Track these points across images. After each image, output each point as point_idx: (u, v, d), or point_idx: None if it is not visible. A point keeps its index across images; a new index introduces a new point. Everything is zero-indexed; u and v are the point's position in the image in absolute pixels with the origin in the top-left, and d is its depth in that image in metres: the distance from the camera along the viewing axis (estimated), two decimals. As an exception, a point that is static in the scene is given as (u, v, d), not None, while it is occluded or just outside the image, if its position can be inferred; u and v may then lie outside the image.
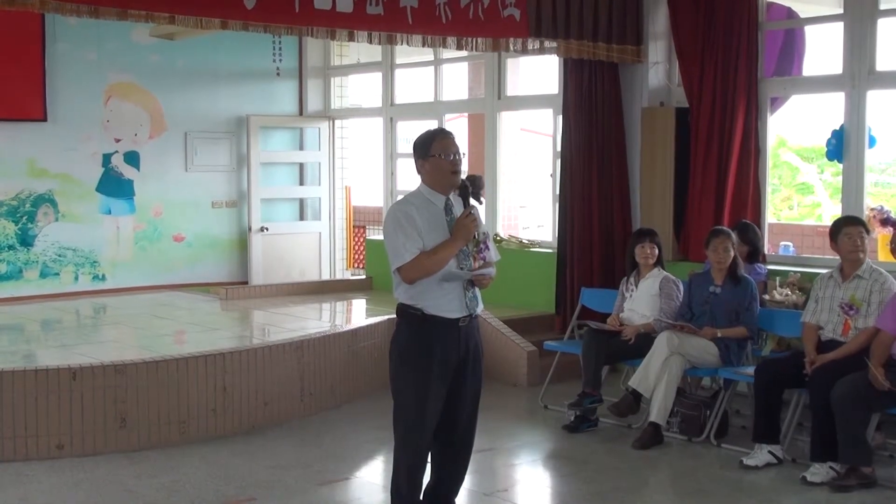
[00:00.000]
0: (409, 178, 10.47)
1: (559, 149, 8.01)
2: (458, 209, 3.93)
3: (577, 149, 7.76)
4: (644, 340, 6.08)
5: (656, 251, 6.41)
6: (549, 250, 8.24)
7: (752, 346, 6.13)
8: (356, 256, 11.51)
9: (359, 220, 12.07)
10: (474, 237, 3.87)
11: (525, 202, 11.69)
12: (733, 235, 6.14)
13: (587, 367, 6.17)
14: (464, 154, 4.02)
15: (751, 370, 5.68)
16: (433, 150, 3.88)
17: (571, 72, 7.75)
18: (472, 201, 3.96)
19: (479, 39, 6.81)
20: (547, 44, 7.12)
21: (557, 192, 8.04)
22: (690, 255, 7.40)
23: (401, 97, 10.13)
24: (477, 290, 3.98)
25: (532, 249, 8.61)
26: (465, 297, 3.89)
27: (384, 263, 3.92)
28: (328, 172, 10.66)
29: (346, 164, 10.79)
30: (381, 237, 4.06)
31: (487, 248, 3.97)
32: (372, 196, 12.22)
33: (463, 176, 3.99)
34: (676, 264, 7.23)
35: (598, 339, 6.23)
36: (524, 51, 7.15)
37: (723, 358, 5.93)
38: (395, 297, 3.95)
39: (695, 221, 7.38)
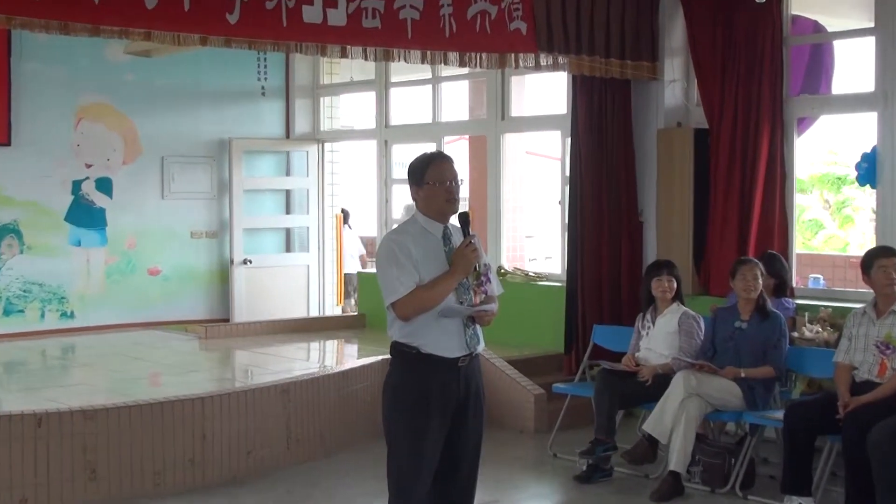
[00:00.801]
0: (405, 206, 10.56)
1: (568, 174, 8.03)
2: (457, 239, 3.93)
3: (587, 173, 7.79)
4: (662, 382, 6.05)
5: (674, 285, 6.43)
6: (558, 284, 8.20)
7: (780, 388, 6.12)
8: (348, 291, 11.44)
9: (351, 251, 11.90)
10: (475, 269, 3.87)
11: (531, 232, 11.78)
12: (760, 265, 6.15)
13: (600, 412, 6.16)
14: (462, 180, 4.06)
15: (779, 414, 5.67)
16: (428, 177, 3.91)
17: (581, 90, 7.79)
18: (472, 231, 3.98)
19: (484, 55, 6.84)
20: (559, 60, 7.17)
21: (566, 221, 8.06)
22: (712, 289, 7.40)
23: (396, 118, 10.19)
24: (478, 326, 3.97)
25: (539, 283, 8.61)
26: (464, 335, 3.89)
27: (378, 298, 3.92)
28: (317, 200, 10.67)
29: (336, 191, 10.81)
30: (374, 270, 4.09)
31: (489, 280, 3.96)
32: (365, 225, 12.25)
33: (465, 205, 4.05)
34: (696, 299, 7.23)
35: (612, 380, 6.22)
36: (537, 67, 7.18)
37: (747, 400, 5.91)
38: (390, 336, 3.95)
39: (716, 252, 7.38)
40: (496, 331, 4.80)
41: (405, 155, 9.65)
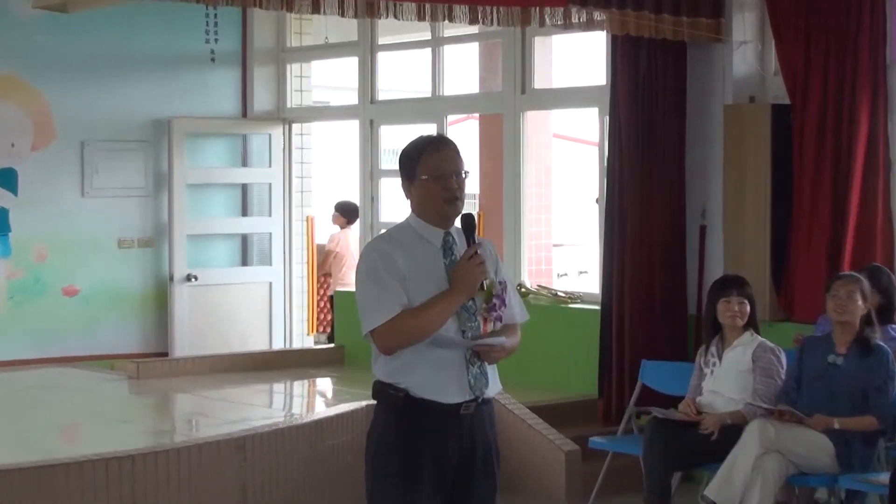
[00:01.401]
0: (398, 206, 10.50)
1: (606, 163, 8.01)
2: (462, 249, 3.96)
3: (630, 162, 7.76)
4: (731, 435, 6.01)
5: (747, 308, 6.40)
6: (595, 307, 8.17)
7: (886, 443, 6.10)
8: (322, 316, 11.37)
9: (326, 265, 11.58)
10: (482, 287, 3.89)
11: (561, 239, 11.82)
12: (865, 283, 6.15)
13: (651, 474, 6.15)
14: (468, 173, 3.99)
15: (884, 478, 5.66)
16: (422, 169, 3.94)
17: (623, 56, 7.77)
18: (482, 239, 4.00)
19: (501, 9, 6.84)
20: (597, 16, 7.18)
21: (605, 225, 8.03)
22: (796, 313, 7.38)
23: (385, 92, 10.17)
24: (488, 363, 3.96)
25: (571, 306, 8.60)
26: (467, 374, 3.89)
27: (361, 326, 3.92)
28: (282, 198, 10.62)
29: (307, 186, 10.76)
30: (354, 289, 4.05)
31: (504, 304, 3.98)
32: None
33: (473, 205, 4.05)
34: (776, 326, 7.23)
35: (666, 433, 6.19)
36: (566, 25, 7.18)
37: (842, 459, 5.87)
38: (374, 373, 3.96)
39: (802, 266, 7.37)
40: (516, 368, 4.87)
41: (396, 139, 9.55)
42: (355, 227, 10.49)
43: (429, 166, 3.92)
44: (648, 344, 7.63)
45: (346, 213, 10.78)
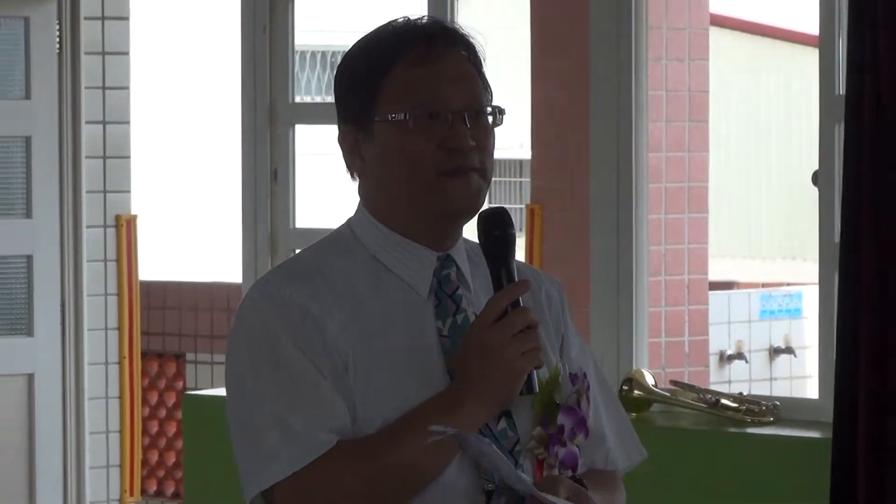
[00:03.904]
0: (334, 204, 10.85)
1: (843, 89, 7.96)
2: (478, 295, 3.68)
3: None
4: None
5: None
6: (816, 434, 7.95)
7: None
8: (154, 457, 12.04)
9: (159, 329, 12.48)
10: (530, 386, 3.54)
11: (726, 269, 12.77)
12: None
13: None
14: (498, 111, 3.44)
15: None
16: (387, 100, 3.64)
17: None
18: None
19: None
20: None
21: (837, 240, 7.95)
22: None
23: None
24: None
25: (755, 431, 8.18)
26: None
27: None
28: (60, 177, 10.24)
29: (120, 145, 10.54)
30: (222, 393, 4.48)
31: (582, 425, 3.66)
32: (208, 255, 13.36)
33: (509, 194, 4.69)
34: None
35: None
36: None
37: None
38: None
39: None
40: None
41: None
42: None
43: (405, 92, 3.63)
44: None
45: None
